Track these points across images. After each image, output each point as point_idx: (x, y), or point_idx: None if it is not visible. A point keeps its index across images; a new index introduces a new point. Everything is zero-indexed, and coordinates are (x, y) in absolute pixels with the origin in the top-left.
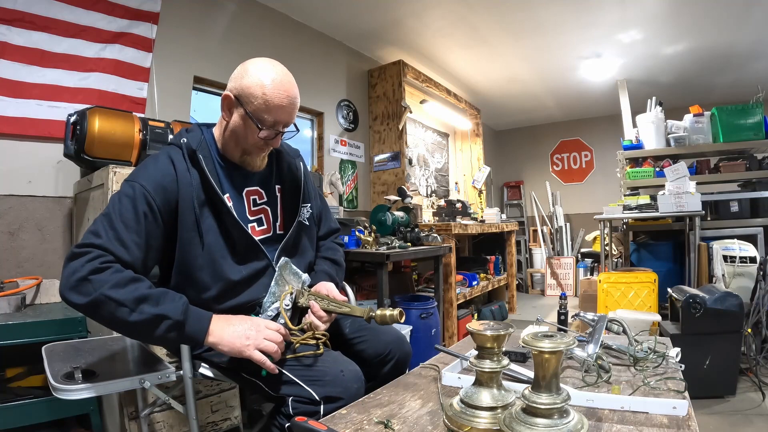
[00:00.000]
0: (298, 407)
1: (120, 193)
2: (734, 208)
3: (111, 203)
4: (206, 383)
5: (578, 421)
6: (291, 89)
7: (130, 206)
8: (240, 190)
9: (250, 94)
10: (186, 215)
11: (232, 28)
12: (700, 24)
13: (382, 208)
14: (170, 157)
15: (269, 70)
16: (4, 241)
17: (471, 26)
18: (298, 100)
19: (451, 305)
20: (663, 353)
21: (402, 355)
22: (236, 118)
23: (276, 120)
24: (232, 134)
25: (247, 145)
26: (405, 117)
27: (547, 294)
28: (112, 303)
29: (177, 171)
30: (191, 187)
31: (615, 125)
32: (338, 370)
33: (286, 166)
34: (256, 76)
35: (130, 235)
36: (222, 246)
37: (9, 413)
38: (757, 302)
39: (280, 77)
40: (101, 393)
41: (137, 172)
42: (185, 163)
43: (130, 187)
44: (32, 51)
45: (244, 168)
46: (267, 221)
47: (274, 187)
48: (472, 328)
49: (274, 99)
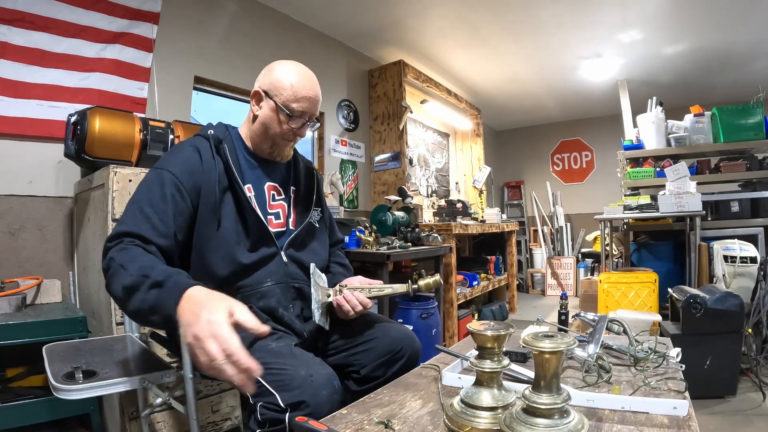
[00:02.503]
0: (266, 414)
1: (148, 180)
2: (735, 208)
3: (139, 190)
4: (206, 383)
5: (579, 421)
6: (315, 83)
7: (157, 190)
8: (262, 183)
9: (279, 86)
10: (207, 198)
11: (232, 28)
12: (701, 24)
13: (383, 208)
14: (196, 146)
15: (295, 66)
16: (4, 241)
17: (471, 26)
18: (320, 95)
19: (452, 305)
20: (663, 353)
21: (413, 351)
22: (266, 110)
23: (303, 110)
24: (261, 127)
25: (277, 135)
26: (405, 117)
27: (547, 294)
28: (119, 269)
29: (202, 158)
30: (215, 172)
31: (615, 125)
32: (306, 375)
33: (302, 171)
34: (283, 72)
35: (158, 215)
36: (237, 231)
37: (9, 413)
38: (757, 302)
39: (305, 72)
40: (102, 393)
41: (164, 159)
42: (211, 152)
43: (158, 173)
44: (32, 51)
45: (272, 161)
46: (283, 216)
47: (290, 188)
48: (472, 328)
49: (301, 90)
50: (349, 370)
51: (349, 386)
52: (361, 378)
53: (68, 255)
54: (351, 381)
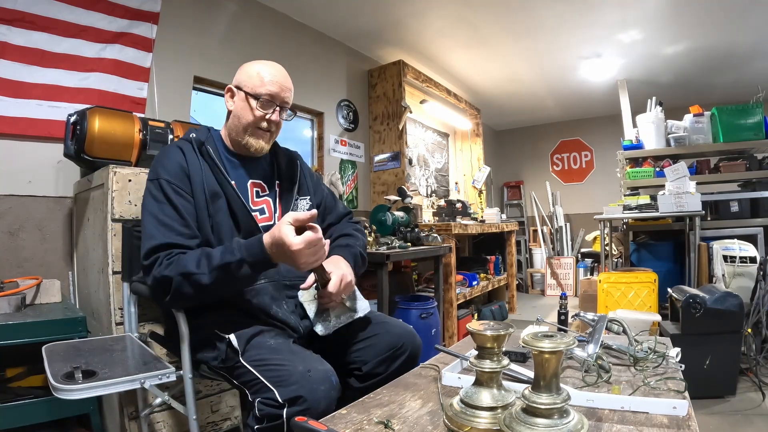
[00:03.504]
0: (264, 409)
1: (150, 193)
2: (734, 208)
3: (148, 204)
4: (206, 383)
5: (578, 421)
6: (282, 71)
7: (164, 199)
8: (244, 182)
9: (247, 77)
10: (198, 198)
11: (232, 28)
12: (700, 24)
13: (382, 208)
14: (180, 148)
15: (262, 61)
16: (4, 241)
17: (471, 26)
18: (291, 84)
19: (451, 305)
20: (663, 353)
21: (414, 347)
22: (238, 102)
23: (270, 93)
24: (235, 119)
25: (250, 124)
26: (405, 117)
27: (547, 294)
28: (184, 281)
29: (187, 159)
30: (201, 172)
31: (615, 125)
32: (304, 370)
33: (284, 163)
34: (251, 65)
35: (177, 222)
36: (230, 227)
37: (9, 413)
38: (757, 302)
39: (272, 63)
40: (101, 393)
41: (154, 169)
42: (194, 153)
43: (155, 184)
44: (32, 51)
45: (252, 157)
46: (269, 211)
47: (275, 182)
48: (472, 328)
49: (267, 75)
50: (351, 367)
51: (351, 383)
52: (363, 375)
53: (68, 255)
54: (353, 378)
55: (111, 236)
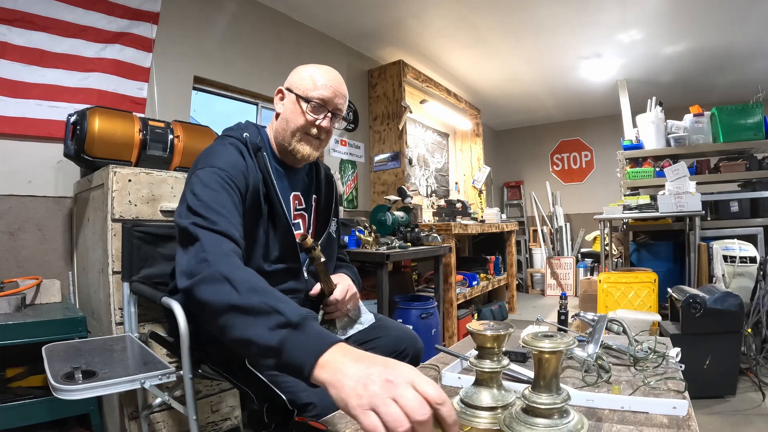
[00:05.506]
0: (272, 416)
1: (202, 180)
2: (734, 208)
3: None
4: (206, 383)
5: (578, 421)
6: (337, 76)
7: (219, 187)
8: (287, 195)
9: (299, 79)
10: (247, 201)
11: (232, 28)
12: (700, 24)
13: (382, 208)
14: (236, 147)
15: (317, 64)
16: (4, 241)
17: (471, 26)
18: (346, 91)
19: (451, 305)
20: (663, 353)
21: (416, 351)
22: (288, 104)
23: (322, 98)
24: (282, 122)
25: (299, 128)
26: (405, 117)
27: (547, 294)
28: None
29: (246, 161)
30: (255, 176)
31: (615, 125)
32: None
33: (324, 179)
34: (305, 68)
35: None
36: (265, 240)
37: (9, 413)
38: (757, 302)
39: (327, 67)
40: (101, 393)
41: (211, 159)
42: (250, 157)
43: (209, 172)
44: (32, 51)
45: (294, 168)
46: (303, 227)
47: (312, 197)
48: (472, 328)
49: (320, 79)
50: None
51: None
52: None
53: (68, 255)
54: None
55: (111, 236)
